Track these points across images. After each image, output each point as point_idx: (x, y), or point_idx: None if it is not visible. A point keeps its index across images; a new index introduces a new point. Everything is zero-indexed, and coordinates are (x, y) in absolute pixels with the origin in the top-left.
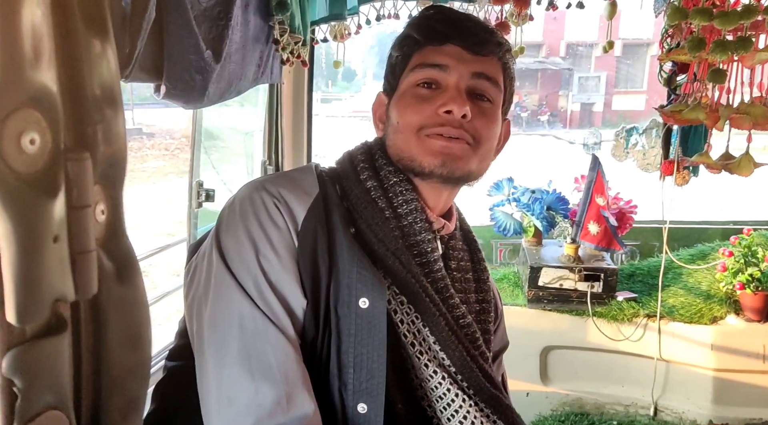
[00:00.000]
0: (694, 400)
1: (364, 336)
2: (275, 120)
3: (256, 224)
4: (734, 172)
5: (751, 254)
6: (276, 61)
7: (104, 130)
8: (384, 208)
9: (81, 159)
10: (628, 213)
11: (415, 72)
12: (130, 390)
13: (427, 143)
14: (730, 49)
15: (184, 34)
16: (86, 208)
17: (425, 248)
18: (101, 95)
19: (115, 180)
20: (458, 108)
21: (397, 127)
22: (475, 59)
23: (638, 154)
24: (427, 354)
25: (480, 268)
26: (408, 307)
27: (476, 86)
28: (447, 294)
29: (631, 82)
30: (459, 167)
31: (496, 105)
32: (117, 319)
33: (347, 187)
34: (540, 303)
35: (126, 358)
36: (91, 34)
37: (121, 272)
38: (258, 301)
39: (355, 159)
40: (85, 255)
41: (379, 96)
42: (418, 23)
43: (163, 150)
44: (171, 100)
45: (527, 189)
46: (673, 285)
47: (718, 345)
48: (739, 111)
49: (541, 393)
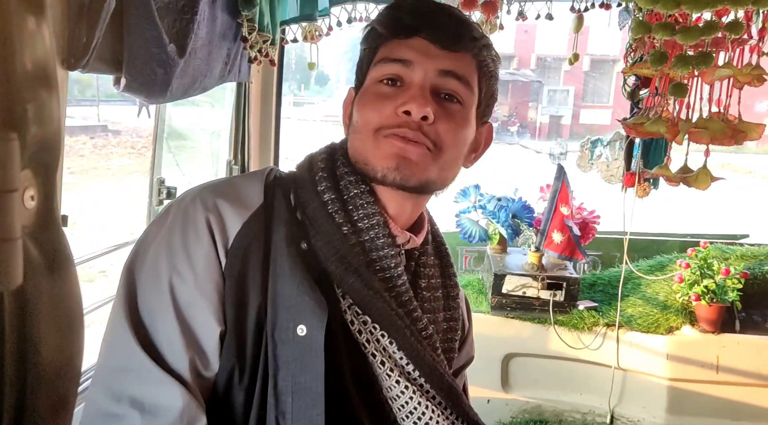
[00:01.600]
0: (649, 409)
1: (304, 364)
2: (242, 119)
3: (180, 241)
4: (692, 185)
5: (707, 266)
6: (244, 60)
7: (36, 110)
8: (342, 223)
9: (6, 139)
10: (591, 224)
11: (378, 67)
12: (60, 388)
13: (382, 144)
14: (691, 63)
15: (146, 26)
16: (11, 192)
17: (388, 263)
18: (33, 74)
19: (48, 165)
20: (417, 108)
21: (356, 127)
22: (444, 55)
23: (602, 166)
24: (396, 370)
25: (451, 284)
26: (372, 326)
27: (443, 85)
28: (411, 306)
29: (598, 96)
30: (414, 174)
31: (466, 107)
32: (46, 314)
33: (303, 198)
34: (503, 310)
35: (56, 355)
36: (23, 10)
37: (52, 264)
38: (151, 322)
39: (314, 165)
40: (8, 242)
41: (350, 92)
42: (386, 14)
43: (130, 148)
44: (132, 94)
45: (493, 197)
46: (632, 296)
47: (673, 354)
48: (698, 125)
49: (502, 400)
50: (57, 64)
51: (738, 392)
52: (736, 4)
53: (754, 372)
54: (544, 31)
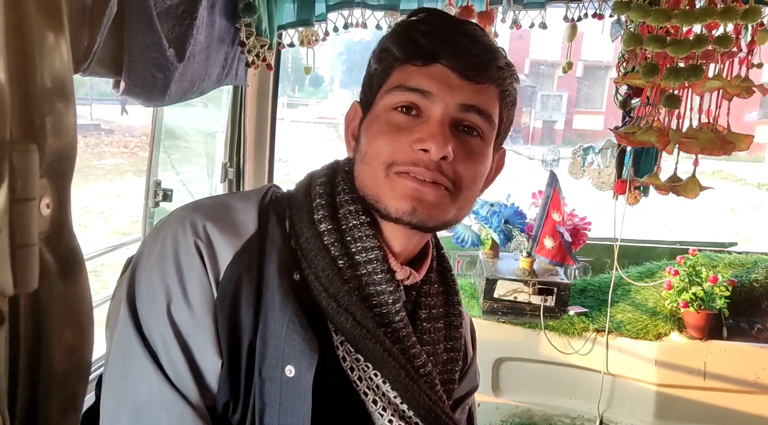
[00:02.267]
0: (638, 414)
1: (290, 405)
2: (238, 122)
3: (173, 268)
4: (681, 194)
5: (695, 274)
6: (241, 64)
7: (54, 122)
8: (337, 256)
9: (27, 150)
10: (582, 230)
11: (392, 93)
12: (69, 388)
13: (396, 183)
14: (682, 76)
15: (146, 31)
16: (30, 200)
17: (385, 300)
18: (52, 87)
19: (63, 174)
20: (437, 148)
21: (364, 157)
22: (467, 87)
23: (594, 173)
24: (389, 409)
25: (454, 313)
26: (365, 365)
27: (465, 119)
28: (408, 342)
29: (591, 102)
30: (432, 216)
31: (486, 141)
32: (58, 316)
33: (297, 226)
34: (494, 315)
35: (67, 356)
36: (44, 26)
37: (65, 269)
38: (162, 358)
39: (313, 189)
40: (26, 248)
41: (354, 106)
42: (401, 34)
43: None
44: (131, 97)
45: (486, 202)
46: (621, 302)
47: (661, 360)
48: (688, 136)
49: (492, 404)
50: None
51: (724, 398)
52: (725, 19)
53: (740, 379)
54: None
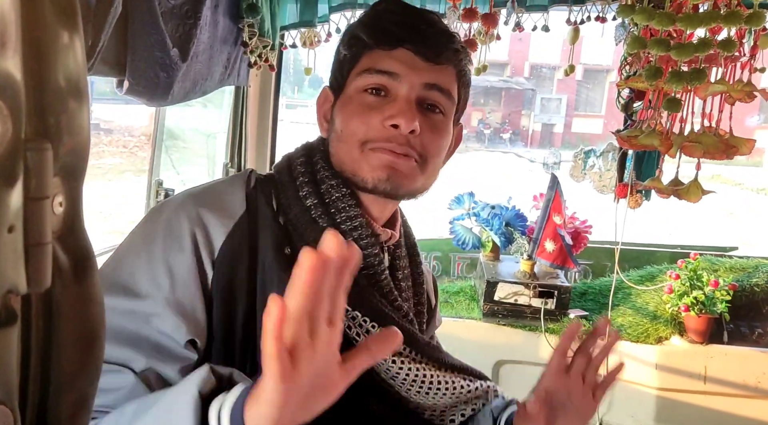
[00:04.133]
0: (638, 418)
1: None
2: (240, 122)
3: (161, 250)
4: (683, 198)
5: (696, 278)
6: (243, 64)
7: (67, 121)
8: (325, 227)
9: (42, 149)
10: (583, 233)
11: (362, 76)
12: (80, 388)
13: (370, 157)
14: (685, 79)
15: (150, 30)
16: (44, 199)
17: (372, 262)
18: (66, 86)
19: (76, 173)
20: (406, 123)
21: (340, 136)
22: (429, 68)
23: (595, 176)
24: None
25: (418, 271)
26: (362, 320)
27: (428, 97)
28: (392, 297)
29: (591, 106)
30: (404, 185)
31: (447, 117)
32: (71, 316)
33: (285, 203)
34: (495, 317)
35: (78, 356)
36: (59, 24)
37: (78, 268)
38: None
39: (294, 169)
40: (40, 247)
41: (325, 90)
42: (369, 22)
43: (121, 147)
44: (134, 96)
45: (487, 204)
46: (622, 305)
47: (662, 364)
48: (691, 140)
49: None
50: None
51: (725, 402)
52: (729, 23)
53: (740, 384)
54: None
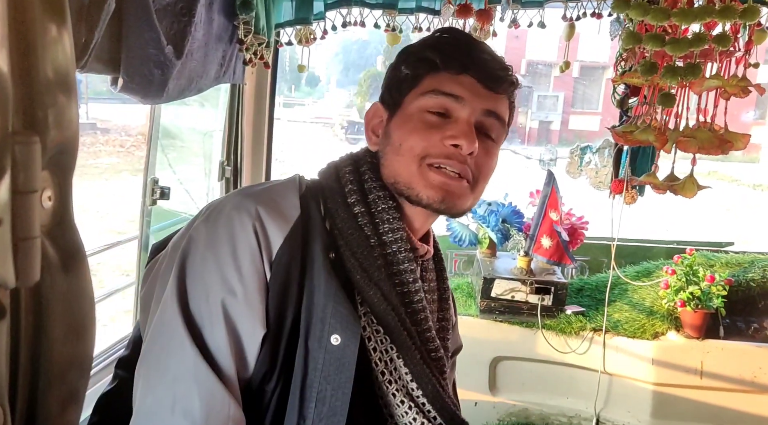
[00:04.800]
0: (634, 413)
1: (332, 372)
2: (236, 121)
3: (229, 250)
4: (678, 193)
5: (692, 273)
6: (239, 62)
7: (56, 115)
8: (370, 235)
9: (29, 142)
10: (580, 229)
11: (427, 97)
12: (70, 382)
13: (428, 175)
14: (680, 74)
15: (145, 28)
16: (32, 193)
17: (407, 278)
18: (54, 80)
19: (65, 167)
20: (468, 144)
21: (398, 149)
22: (489, 95)
23: (591, 172)
24: (396, 384)
25: (444, 287)
26: (384, 337)
27: (485, 123)
28: (425, 326)
29: (587, 103)
30: (457, 205)
31: (498, 143)
32: (60, 310)
33: (333, 208)
34: (492, 314)
35: (68, 350)
36: (47, 18)
37: (67, 262)
38: (205, 335)
39: (342, 177)
40: (28, 241)
41: (377, 106)
42: (437, 46)
43: (118, 146)
44: (128, 94)
45: (484, 201)
46: (618, 301)
47: (658, 360)
48: (686, 135)
49: (489, 403)
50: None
51: (721, 397)
52: (724, 17)
53: (737, 378)
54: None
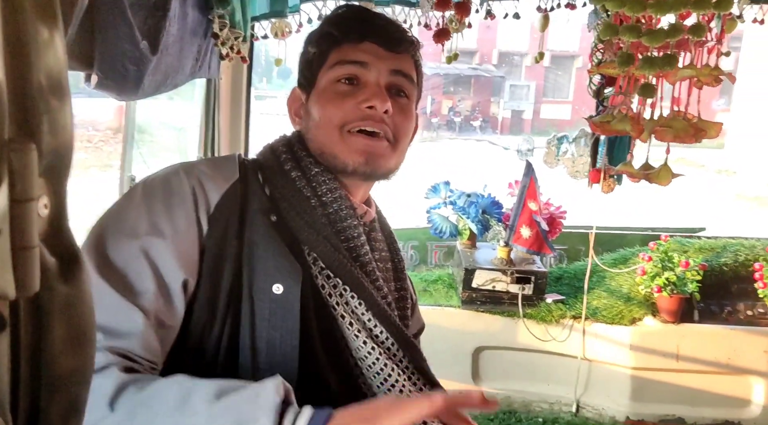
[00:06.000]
0: (614, 397)
1: (278, 321)
2: (212, 116)
3: (162, 204)
4: (653, 181)
5: (667, 259)
6: (214, 56)
7: (50, 121)
8: (310, 196)
9: (26, 150)
10: (558, 219)
11: (335, 68)
12: (71, 393)
13: (349, 141)
14: (657, 65)
15: (118, 23)
16: (30, 201)
17: (352, 233)
18: (48, 85)
19: (60, 173)
20: (381, 103)
21: (318, 123)
22: (392, 56)
23: (568, 162)
24: (362, 332)
25: (397, 258)
26: (343, 288)
27: (395, 82)
28: (374, 277)
29: (559, 92)
30: (380, 165)
31: (411, 100)
32: (60, 319)
33: (271, 176)
34: (473, 304)
35: (68, 360)
36: (39, 21)
37: (65, 269)
38: (132, 278)
39: (276, 150)
40: (27, 250)
41: (295, 91)
42: (336, 21)
43: (86, 142)
44: (103, 91)
45: (463, 193)
46: (597, 288)
47: (636, 345)
48: (663, 124)
49: None
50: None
51: (697, 379)
52: (698, 8)
53: (711, 361)
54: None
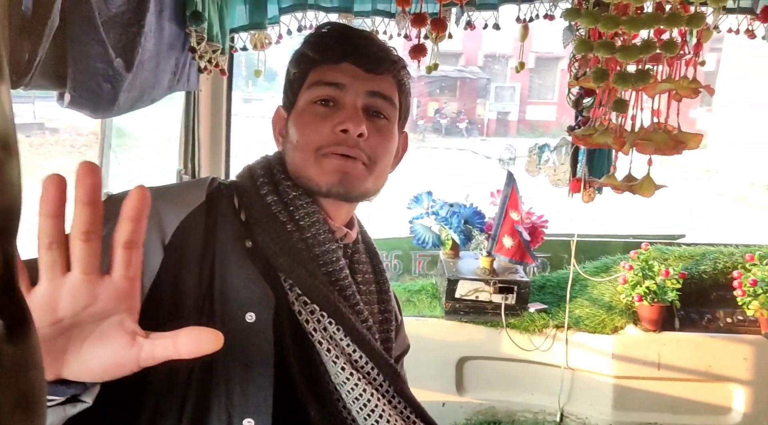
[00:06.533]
0: (597, 406)
1: (254, 350)
2: (191, 128)
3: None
4: (637, 193)
5: (648, 268)
6: (192, 69)
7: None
8: (286, 221)
9: None
10: (540, 228)
11: (311, 90)
12: None
13: (323, 163)
14: (630, 81)
15: (91, 41)
16: None
17: (330, 258)
18: None
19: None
20: (354, 126)
21: (295, 145)
22: (370, 78)
23: (549, 170)
24: (342, 357)
25: (382, 279)
26: (321, 314)
27: (372, 104)
28: (353, 301)
29: (543, 93)
30: (355, 187)
31: (392, 122)
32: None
33: (246, 200)
34: (457, 314)
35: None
36: None
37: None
38: None
39: (254, 173)
40: None
41: (279, 110)
42: (314, 41)
43: (69, 147)
44: (77, 109)
45: (445, 203)
46: (579, 297)
47: (618, 353)
48: (643, 137)
49: (456, 403)
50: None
51: (678, 387)
52: (671, 24)
53: (692, 369)
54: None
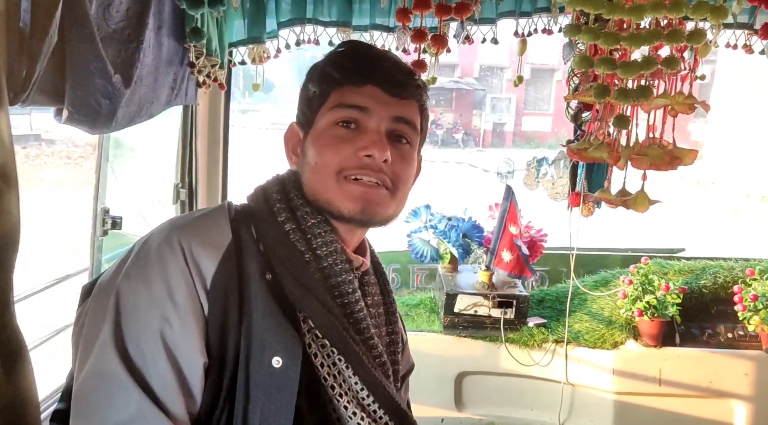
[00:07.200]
0: (597, 422)
1: (274, 394)
2: (189, 141)
3: (163, 286)
4: (630, 208)
5: (648, 282)
6: (191, 83)
7: None
8: (304, 251)
9: None
10: (539, 242)
11: (334, 111)
12: None
13: (345, 187)
14: (632, 97)
15: (90, 57)
16: None
17: (346, 289)
18: None
19: (4, 263)
20: (379, 153)
21: (314, 167)
22: (395, 102)
23: (548, 184)
24: (347, 395)
25: (389, 300)
26: (330, 350)
27: (396, 129)
28: (368, 334)
29: (539, 104)
30: (378, 213)
31: (413, 147)
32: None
33: (263, 229)
34: (455, 329)
35: None
36: None
37: (8, 363)
38: (149, 374)
39: (270, 198)
40: None
41: (293, 127)
42: (338, 61)
43: (65, 158)
44: (74, 125)
45: (444, 216)
46: (578, 311)
47: (618, 369)
48: (638, 152)
49: (456, 418)
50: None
51: (679, 403)
52: (672, 41)
53: (694, 385)
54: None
